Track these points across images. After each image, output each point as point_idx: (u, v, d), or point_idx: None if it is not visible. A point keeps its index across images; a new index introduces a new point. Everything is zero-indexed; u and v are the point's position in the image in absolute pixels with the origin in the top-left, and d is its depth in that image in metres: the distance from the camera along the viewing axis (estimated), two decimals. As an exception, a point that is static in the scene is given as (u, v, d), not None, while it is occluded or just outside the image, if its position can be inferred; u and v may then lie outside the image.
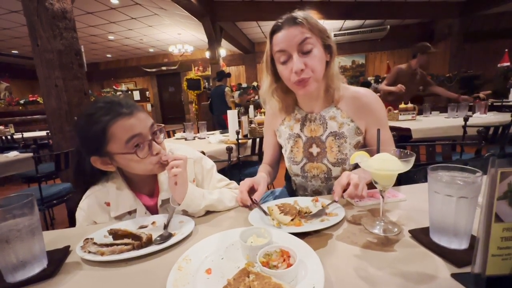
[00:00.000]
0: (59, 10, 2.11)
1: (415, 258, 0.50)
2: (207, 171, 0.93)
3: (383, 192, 0.62)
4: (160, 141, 0.76)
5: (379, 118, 0.91)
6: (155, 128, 0.76)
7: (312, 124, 0.95)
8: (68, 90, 2.19)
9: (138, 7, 5.45)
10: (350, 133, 0.91)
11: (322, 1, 5.66)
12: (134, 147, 0.70)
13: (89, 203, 0.80)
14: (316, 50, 0.81)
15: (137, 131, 0.70)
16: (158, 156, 0.74)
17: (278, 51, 0.82)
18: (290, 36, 0.79)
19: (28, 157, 2.31)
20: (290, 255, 0.48)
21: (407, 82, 3.06)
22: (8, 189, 3.86)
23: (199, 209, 0.76)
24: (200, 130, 2.65)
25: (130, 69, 10.29)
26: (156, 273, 0.53)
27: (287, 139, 1.00)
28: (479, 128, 1.87)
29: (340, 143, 0.91)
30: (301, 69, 0.79)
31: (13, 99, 7.31)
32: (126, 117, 0.69)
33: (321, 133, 0.94)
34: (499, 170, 0.37)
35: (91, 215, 0.80)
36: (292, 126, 0.99)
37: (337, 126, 0.92)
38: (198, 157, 0.93)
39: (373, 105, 0.90)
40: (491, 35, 6.93)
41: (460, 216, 0.48)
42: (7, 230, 0.50)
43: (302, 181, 1.00)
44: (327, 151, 0.93)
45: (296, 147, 0.98)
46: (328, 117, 0.93)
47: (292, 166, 0.99)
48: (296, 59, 0.79)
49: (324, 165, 0.94)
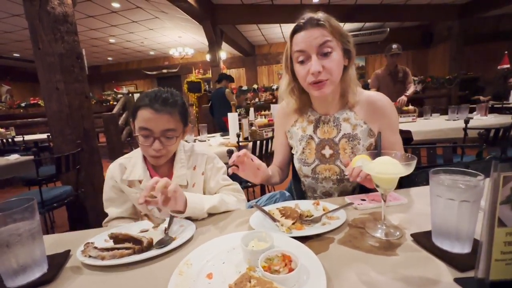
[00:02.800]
0: (61, 14, 2.13)
1: (417, 263, 0.50)
2: (217, 169, 1.01)
3: (385, 195, 0.62)
4: (168, 144, 0.86)
5: (392, 122, 0.92)
6: (170, 135, 0.86)
7: (325, 126, 0.95)
8: (69, 93, 2.20)
9: (139, 10, 5.48)
10: (363, 135, 0.92)
11: (322, 3, 5.68)
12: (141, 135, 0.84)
13: (115, 165, 0.96)
14: (335, 53, 0.81)
15: (150, 126, 0.83)
16: (156, 152, 0.85)
17: (297, 51, 0.82)
18: (310, 37, 0.79)
19: (29, 160, 2.31)
20: (291, 259, 0.48)
21: (390, 83, 3.28)
22: (9, 191, 3.85)
23: (203, 212, 0.78)
24: (200, 132, 2.66)
25: (131, 72, 10.33)
26: (157, 277, 0.52)
27: (299, 140, 1.00)
28: (480, 130, 1.87)
29: (353, 144, 0.92)
30: (318, 71, 0.79)
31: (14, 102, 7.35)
32: (150, 109, 0.82)
33: (334, 135, 0.94)
34: (502, 174, 0.37)
35: (113, 174, 0.94)
36: (305, 128, 0.99)
37: (351, 128, 0.92)
38: (212, 156, 1.02)
39: (387, 109, 0.91)
40: (490, 37, 6.94)
41: (462, 220, 0.48)
42: (8, 234, 0.50)
43: (312, 182, 1.00)
44: (340, 153, 0.93)
45: (308, 149, 0.97)
46: (342, 118, 0.93)
47: (303, 167, 0.99)
48: (314, 60, 0.79)
49: (337, 166, 0.94)
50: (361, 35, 7.77)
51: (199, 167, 0.98)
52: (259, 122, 3.02)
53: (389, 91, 3.11)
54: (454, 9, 6.17)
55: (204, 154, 1.00)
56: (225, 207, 0.83)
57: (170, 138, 0.86)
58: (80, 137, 2.27)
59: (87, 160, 2.35)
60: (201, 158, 0.99)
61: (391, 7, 5.98)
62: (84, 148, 2.27)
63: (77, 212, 2.36)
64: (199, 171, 0.98)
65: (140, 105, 0.84)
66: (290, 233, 0.62)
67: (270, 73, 9.29)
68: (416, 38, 7.93)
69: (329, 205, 0.76)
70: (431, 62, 7.98)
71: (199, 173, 0.98)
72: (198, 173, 0.98)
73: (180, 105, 0.89)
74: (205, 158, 1.00)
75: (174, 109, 0.86)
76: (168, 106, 0.84)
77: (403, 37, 7.91)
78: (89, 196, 2.34)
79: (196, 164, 0.98)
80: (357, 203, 0.78)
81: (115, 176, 0.94)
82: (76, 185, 2.23)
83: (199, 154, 1.00)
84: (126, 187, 0.93)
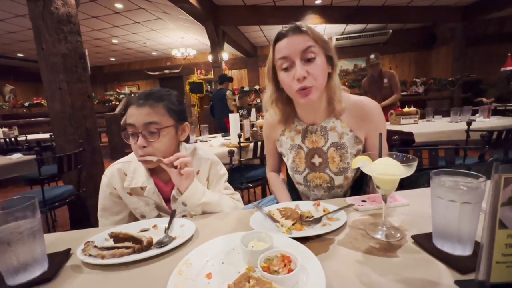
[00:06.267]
0: (64, 14, 2.14)
1: (418, 264, 0.49)
2: (219, 176, 0.99)
3: (386, 196, 0.62)
4: (151, 139, 0.82)
5: (379, 127, 0.91)
6: (152, 129, 0.82)
7: (313, 136, 0.94)
8: (72, 93, 2.21)
9: (142, 11, 5.52)
10: (350, 143, 0.91)
11: (324, 5, 5.68)
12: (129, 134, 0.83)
13: (112, 171, 0.90)
14: (319, 59, 0.80)
15: (132, 121, 0.81)
16: (141, 150, 0.82)
17: (280, 57, 0.81)
18: (293, 43, 0.79)
19: (31, 159, 2.33)
20: (291, 260, 0.48)
21: (376, 89, 3.44)
22: (11, 191, 3.88)
23: (197, 204, 0.80)
24: (202, 133, 2.66)
25: (133, 72, 10.38)
26: (157, 277, 0.52)
27: (289, 149, 1.00)
28: (483, 132, 1.85)
29: (341, 153, 0.92)
30: (303, 76, 0.78)
31: (18, 102, 7.41)
32: (134, 105, 0.83)
33: (322, 144, 0.93)
34: (503, 176, 0.37)
35: (112, 181, 0.89)
36: (293, 137, 0.98)
37: (338, 136, 0.92)
38: (216, 161, 1.00)
39: (374, 114, 0.90)
40: (493, 39, 6.90)
41: (463, 221, 0.48)
42: (9, 232, 0.50)
43: (305, 190, 1.01)
44: (329, 162, 0.93)
45: (298, 158, 0.97)
46: (329, 127, 0.93)
47: (295, 175, 1.00)
48: (298, 66, 0.78)
49: (327, 174, 0.94)
50: (363, 37, 7.77)
51: (202, 172, 0.96)
52: (260, 123, 3.02)
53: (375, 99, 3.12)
54: (457, 11, 6.16)
55: (208, 159, 0.97)
56: (220, 209, 0.85)
57: (154, 133, 0.81)
58: (82, 137, 2.29)
59: (89, 159, 2.36)
60: (205, 163, 0.96)
61: (394, 8, 5.98)
62: (86, 148, 2.28)
63: (79, 212, 2.37)
64: (203, 176, 0.96)
65: (128, 106, 0.86)
66: (290, 233, 0.62)
67: (272, 74, 9.28)
68: (419, 39, 7.91)
69: (330, 206, 0.76)
70: (434, 64, 7.95)
71: (203, 178, 0.96)
72: (201, 178, 0.95)
73: (169, 99, 0.86)
74: (209, 163, 0.97)
75: (158, 102, 0.83)
76: (150, 99, 0.82)
77: (406, 38, 7.91)
78: (90, 195, 2.35)
79: (199, 168, 0.95)
80: (358, 204, 0.78)
81: (114, 183, 0.88)
82: (77, 185, 2.24)
83: (202, 159, 0.96)
84: (127, 195, 0.89)
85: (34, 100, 7.16)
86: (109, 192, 0.89)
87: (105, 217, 0.91)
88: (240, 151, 2.07)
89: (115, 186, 0.89)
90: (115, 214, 0.91)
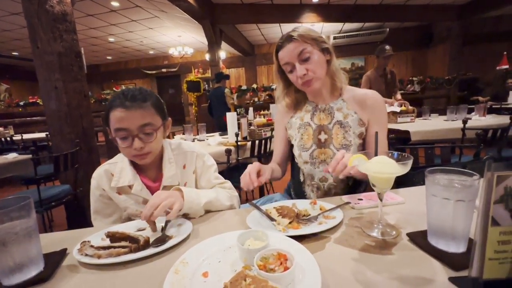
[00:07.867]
0: (60, 12, 2.12)
1: (413, 262, 0.50)
2: (207, 167, 1.00)
3: (381, 195, 0.62)
4: (148, 140, 0.82)
5: (381, 119, 1.02)
6: (148, 130, 0.81)
7: (321, 114, 1.06)
8: (68, 92, 2.19)
9: (139, 9, 5.47)
10: (354, 124, 1.01)
11: (321, 3, 5.68)
12: (119, 137, 0.80)
13: (99, 172, 0.91)
14: (315, 55, 0.95)
15: (124, 125, 0.79)
16: (138, 150, 0.81)
17: (284, 64, 0.98)
18: (289, 51, 0.94)
19: (27, 159, 2.31)
20: (287, 258, 0.48)
21: (381, 84, 3.31)
22: (7, 190, 3.85)
23: (199, 208, 0.79)
24: (199, 132, 2.65)
25: (130, 71, 10.30)
26: (153, 276, 0.52)
27: (297, 128, 1.09)
28: (478, 130, 1.87)
29: (345, 131, 1.01)
30: (303, 74, 0.94)
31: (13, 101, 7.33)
32: (121, 108, 0.78)
33: (328, 122, 1.04)
34: (496, 173, 0.37)
35: (100, 182, 0.90)
36: (303, 117, 1.09)
37: (343, 116, 1.03)
38: (202, 153, 1.00)
39: (378, 106, 1.02)
40: (490, 38, 6.93)
41: (457, 219, 0.48)
42: (4, 232, 0.50)
43: (311, 169, 1.06)
44: (333, 138, 1.03)
45: (306, 135, 1.07)
46: (336, 108, 1.05)
47: (302, 153, 1.06)
48: (298, 67, 0.94)
49: (331, 150, 1.02)
50: (361, 35, 7.77)
51: (189, 165, 0.96)
52: (258, 121, 3.02)
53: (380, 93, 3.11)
54: (454, 10, 6.18)
55: (193, 151, 0.98)
56: (220, 204, 0.86)
57: (150, 134, 0.82)
58: (79, 136, 2.27)
59: (86, 159, 2.34)
60: (190, 155, 0.97)
61: (391, 7, 5.98)
62: (82, 147, 2.26)
63: (75, 211, 2.36)
64: (189, 169, 0.96)
65: (109, 107, 0.80)
66: (287, 232, 0.63)
67: (269, 73, 9.27)
68: (416, 38, 7.93)
69: (326, 204, 0.76)
70: (431, 63, 7.98)
71: (190, 171, 0.96)
72: (188, 172, 0.96)
73: (153, 98, 0.85)
74: (194, 156, 0.97)
75: (146, 103, 0.81)
76: (138, 100, 0.80)
77: (403, 37, 7.92)
78: (87, 195, 2.31)
79: (185, 162, 0.96)
80: (354, 202, 0.78)
81: (102, 184, 0.89)
82: (74, 184, 2.23)
83: (187, 152, 0.97)
84: (115, 195, 0.89)
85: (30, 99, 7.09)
86: (99, 194, 0.90)
87: (98, 219, 0.91)
88: (237, 150, 2.07)
89: (103, 187, 0.89)
90: (108, 216, 0.92)
